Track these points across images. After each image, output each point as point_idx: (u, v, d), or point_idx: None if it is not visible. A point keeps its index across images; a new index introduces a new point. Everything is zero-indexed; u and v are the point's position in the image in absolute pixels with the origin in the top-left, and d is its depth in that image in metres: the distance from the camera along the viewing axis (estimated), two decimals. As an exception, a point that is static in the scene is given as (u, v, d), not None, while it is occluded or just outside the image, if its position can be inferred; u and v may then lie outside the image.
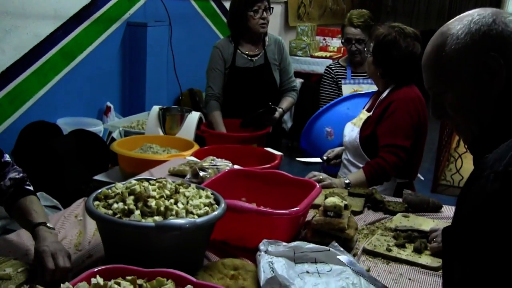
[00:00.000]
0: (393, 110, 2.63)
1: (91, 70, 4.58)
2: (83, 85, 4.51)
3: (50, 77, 4.16)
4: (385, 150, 2.58)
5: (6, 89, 3.76)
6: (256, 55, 3.79)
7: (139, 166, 2.90)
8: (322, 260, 1.68)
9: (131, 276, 1.25)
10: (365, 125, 2.75)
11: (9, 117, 3.82)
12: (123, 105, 5.08)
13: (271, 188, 2.15)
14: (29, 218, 1.70)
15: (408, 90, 2.70)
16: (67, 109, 4.35)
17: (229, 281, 1.55)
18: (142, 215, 1.53)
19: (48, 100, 4.16)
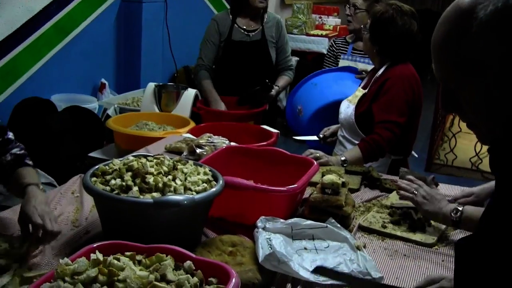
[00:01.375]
0: (389, 87, 2.63)
1: (86, 46, 4.54)
2: (77, 61, 4.47)
3: (44, 53, 4.12)
4: (380, 126, 2.59)
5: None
6: (254, 30, 3.77)
7: (135, 143, 2.89)
8: (320, 237, 1.69)
9: (130, 252, 1.24)
10: (360, 102, 2.76)
11: (2, 93, 3.79)
12: (118, 82, 5.05)
13: (268, 166, 2.14)
14: (22, 180, 1.71)
15: (403, 67, 2.70)
16: (61, 85, 4.32)
17: (227, 257, 1.56)
18: (140, 192, 1.52)
19: (42, 76, 4.12)
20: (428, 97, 8.03)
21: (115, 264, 1.13)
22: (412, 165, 2.93)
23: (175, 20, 5.24)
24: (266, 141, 2.67)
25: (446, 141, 6.18)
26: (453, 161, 5.96)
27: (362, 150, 2.57)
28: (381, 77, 2.71)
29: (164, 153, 2.54)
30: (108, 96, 4.67)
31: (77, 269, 1.12)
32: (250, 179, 2.00)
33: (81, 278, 1.09)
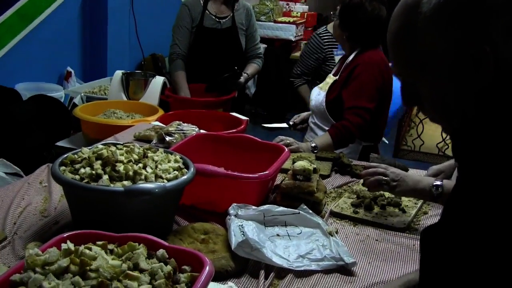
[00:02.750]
0: (358, 73, 2.65)
1: (50, 34, 4.44)
2: (42, 49, 4.37)
3: (6, 40, 4.01)
4: (349, 112, 2.61)
5: (-41, 53, 3.62)
6: (224, 17, 3.75)
7: (103, 131, 2.84)
8: (292, 223, 1.70)
9: (102, 241, 1.22)
10: (331, 88, 2.77)
11: (-36, 81, 3.69)
12: (84, 70, 4.96)
13: (239, 153, 2.13)
14: None
15: (373, 53, 2.72)
16: (26, 73, 4.22)
17: (200, 245, 1.55)
18: (111, 180, 1.50)
19: (6, 64, 4.02)
20: (395, 84, 8.15)
21: (87, 253, 1.11)
22: (381, 151, 2.97)
23: (141, 6, 5.17)
24: (235, 129, 2.66)
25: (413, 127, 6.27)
26: (420, 147, 6.06)
27: (332, 136, 2.58)
28: (351, 64, 2.72)
29: (134, 141, 2.50)
30: (74, 85, 4.59)
31: (48, 259, 1.09)
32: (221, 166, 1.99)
33: (53, 269, 1.07)
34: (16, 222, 1.71)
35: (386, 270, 1.55)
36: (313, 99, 2.87)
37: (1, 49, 3.98)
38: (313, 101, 2.87)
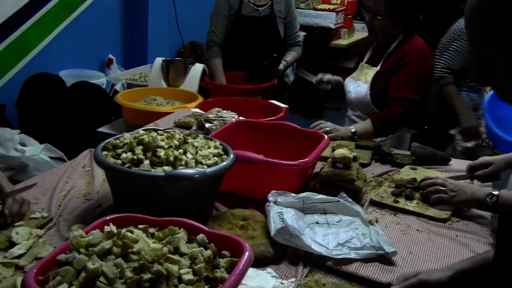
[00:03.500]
0: (407, 63, 2.59)
1: (93, 22, 4.52)
2: (84, 37, 4.45)
3: (51, 28, 4.11)
4: (394, 103, 2.56)
5: (7, 40, 3.72)
6: (263, 5, 3.73)
7: (143, 117, 2.88)
8: (332, 211, 1.69)
9: (143, 225, 1.24)
10: (374, 80, 2.70)
11: (11, 68, 3.79)
12: (125, 57, 5.03)
13: (278, 140, 2.13)
14: None
15: (418, 42, 2.66)
16: (69, 61, 4.32)
17: (239, 231, 1.56)
18: (151, 165, 1.52)
19: (50, 51, 4.12)
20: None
21: (129, 236, 1.13)
22: (424, 141, 2.92)
23: (182, -6, 5.21)
24: (274, 116, 2.65)
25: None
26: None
27: (374, 124, 2.55)
28: (396, 52, 2.65)
29: (173, 127, 2.53)
30: (116, 72, 4.66)
31: (92, 241, 1.12)
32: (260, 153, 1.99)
33: (96, 250, 1.09)
34: (60, 205, 1.75)
35: (427, 260, 1.53)
36: (351, 91, 2.80)
37: (45, 37, 4.07)
38: (351, 93, 2.80)
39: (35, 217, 1.61)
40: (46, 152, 3.22)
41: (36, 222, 1.59)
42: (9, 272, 1.33)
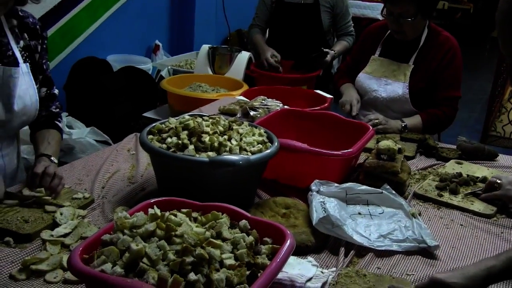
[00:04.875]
0: (452, 59, 2.54)
1: (141, 8, 4.57)
2: (132, 22, 4.51)
3: (100, 13, 4.17)
4: (445, 104, 2.55)
5: (57, 24, 3.80)
6: None
7: (188, 104, 2.91)
8: (374, 203, 1.67)
9: (186, 209, 1.25)
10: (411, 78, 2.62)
11: (60, 52, 3.87)
12: (172, 43, 5.08)
13: (322, 129, 2.12)
14: (40, 146, 1.83)
15: (447, 34, 2.61)
16: (116, 46, 4.38)
17: (281, 219, 1.56)
18: (196, 150, 1.53)
19: (98, 36, 4.19)
20: (487, 67, 7.77)
21: (173, 219, 1.15)
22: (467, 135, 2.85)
23: (229, -19, 5.21)
24: (319, 106, 2.63)
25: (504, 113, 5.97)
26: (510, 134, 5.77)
27: (424, 121, 2.53)
28: (433, 47, 2.58)
29: (218, 114, 2.54)
30: (162, 58, 4.71)
31: (136, 223, 1.13)
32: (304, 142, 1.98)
33: (140, 231, 1.11)
34: (104, 187, 1.78)
35: (470, 256, 1.50)
36: (377, 89, 2.67)
37: (94, 22, 4.14)
38: (382, 92, 2.66)
39: (77, 197, 1.65)
40: (92, 135, 3.29)
41: (78, 202, 1.63)
42: (56, 250, 1.36)
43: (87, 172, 1.90)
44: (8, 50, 1.76)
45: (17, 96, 1.76)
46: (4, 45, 1.76)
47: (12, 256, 1.33)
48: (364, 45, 2.83)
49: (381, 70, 2.69)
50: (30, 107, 1.82)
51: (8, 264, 1.30)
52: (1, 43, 1.75)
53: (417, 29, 2.57)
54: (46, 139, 1.87)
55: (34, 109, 1.84)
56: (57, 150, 1.88)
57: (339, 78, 2.95)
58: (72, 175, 1.86)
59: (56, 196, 1.64)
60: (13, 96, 1.75)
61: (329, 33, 3.86)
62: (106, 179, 1.84)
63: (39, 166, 1.69)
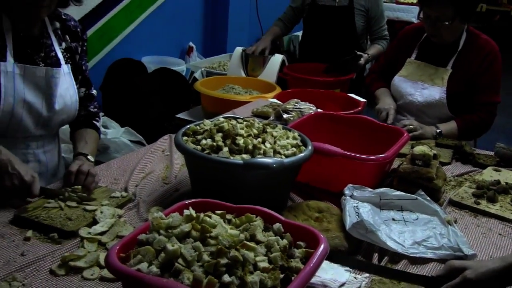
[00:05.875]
0: (491, 63, 2.50)
1: (175, 10, 4.62)
2: (167, 24, 4.56)
3: (136, 15, 4.23)
4: (483, 110, 2.51)
5: (96, 26, 3.86)
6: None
7: (221, 105, 2.92)
8: (409, 209, 1.65)
9: (221, 211, 1.26)
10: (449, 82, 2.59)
11: (98, 53, 3.94)
12: (205, 45, 5.11)
13: (355, 133, 2.10)
14: (78, 145, 1.91)
15: (486, 37, 2.57)
16: (151, 47, 4.43)
17: (314, 223, 1.55)
18: (230, 152, 1.54)
19: (134, 38, 4.24)
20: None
21: (208, 221, 1.16)
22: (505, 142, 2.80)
23: (264, -17, 5.23)
24: (352, 110, 2.62)
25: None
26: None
27: (459, 127, 2.49)
28: (472, 51, 2.55)
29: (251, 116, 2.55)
30: (195, 59, 4.75)
31: (172, 223, 1.15)
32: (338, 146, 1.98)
33: (175, 232, 1.12)
34: (138, 185, 1.81)
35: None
36: (413, 93, 2.65)
37: (130, 24, 4.20)
38: (418, 96, 2.63)
39: (115, 196, 1.68)
40: (126, 135, 3.33)
41: (116, 201, 1.66)
42: (93, 247, 1.39)
43: (122, 171, 1.93)
44: (51, 51, 1.85)
45: (58, 95, 1.84)
46: (48, 46, 1.86)
47: (53, 252, 1.36)
48: (399, 47, 2.80)
49: (418, 73, 2.65)
50: (70, 106, 1.90)
51: (49, 259, 1.33)
52: (45, 45, 1.84)
53: (455, 32, 2.54)
54: (83, 138, 1.94)
55: (74, 109, 1.93)
56: (94, 149, 1.94)
57: (373, 80, 2.92)
58: (108, 174, 1.90)
59: (89, 193, 1.68)
60: (55, 95, 1.83)
61: (362, 36, 3.84)
62: (141, 179, 1.87)
63: (74, 164, 1.76)
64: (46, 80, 1.81)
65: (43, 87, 1.80)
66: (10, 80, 1.72)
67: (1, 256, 1.34)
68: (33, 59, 1.80)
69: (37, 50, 1.82)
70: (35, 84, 1.78)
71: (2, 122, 1.72)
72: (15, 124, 1.76)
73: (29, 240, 1.42)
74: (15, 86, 1.73)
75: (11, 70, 1.72)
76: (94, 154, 1.92)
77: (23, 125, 1.78)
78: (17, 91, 1.74)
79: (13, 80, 1.73)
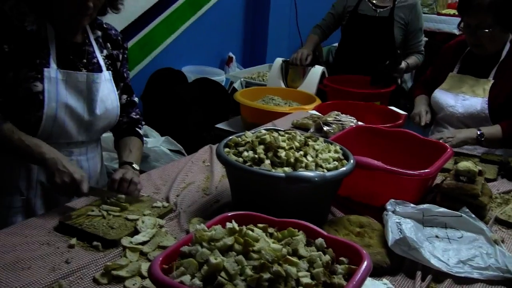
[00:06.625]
0: None
1: (215, 20, 4.66)
2: (207, 34, 4.60)
3: (177, 26, 4.28)
4: None
5: (137, 36, 3.93)
6: (383, 6, 3.71)
7: (261, 116, 2.93)
8: (453, 226, 1.62)
9: (263, 224, 1.26)
10: (491, 93, 2.52)
11: (139, 63, 4.00)
12: (244, 56, 5.14)
13: (397, 147, 2.07)
14: (122, 154, 1.96)
15: None
16: (191, 57, 4.48)
17: (355, 238, 1.53)
18: (272, 165, 1.54)
19: (175, 48, 4.30)
20: None
21: (250, 234, 1.15)
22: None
23: (303, -6, 5.24)
24: (393, 123, 2.59)
25: None
26: None
27: (505, 131, 2.40)
28: None
29: (291, 128, 2.54)
30: (235, 70, 4.77)
31: (214, 236, 1.15)
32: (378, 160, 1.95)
33: (218, 245, 1.12)
34: (179, 195, 1.82)
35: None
36: (454, 105, 2.60)
37: (171, 34, 4.26)
38: (456, 107, 2.59)
39: (157, 206, 1.70)
40: (166, 144, 3.36)
41: (157, 210, 1.67)
42: (135, 257, 1.40)
43: (163, 181, 1.95)
44: (93, 58, 1.92)
45: (99, 100, 1.90)
46: (90, 53, 1.92)
47: (97, 260, 1.38)
48: (442, 61, 2.77)
49: (459, 86, 2.62)
50: (111, 112, 1.95)
51: (92, 267, 1.35)
52: (88, 52, 1.90)
53: (496, 42, 2.50)
54: (128, 147, 1.99)
55: (115, 114, 1.97)
56: (138, 157, 1.99)
57: (416, 89, 2.94)
58: (149, 183, 1.92)
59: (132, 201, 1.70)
60: (96, 100, 1.89)
61: (400, 48, 3.81)
62: (181, 189, 1.88)
63: (118, 172, 1.80)
64: (87, 85, 1.86)
65: (84, 92, 1.86)
66: (53, 85, 1.77)
67: (47, 263, 1.36)
68: (75, 65, 1.85)
69: (80, 56, 1.88)
70: (77, 89, 1.84)
71: (46, 126, 1.77)
72: (58, 128, 1.81)
73: (73, 248, 1.44)
74: (58, 91, 1.79)
75: (54, 75, 1.78)
76: (139, 162, 1.96)
77: (65, 129, 1.83)
78: (59, 96, 1.79)
79: (56, 85, 1.78)
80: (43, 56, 1.77)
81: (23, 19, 1.75)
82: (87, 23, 1.86)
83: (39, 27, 1.78)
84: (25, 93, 1.74)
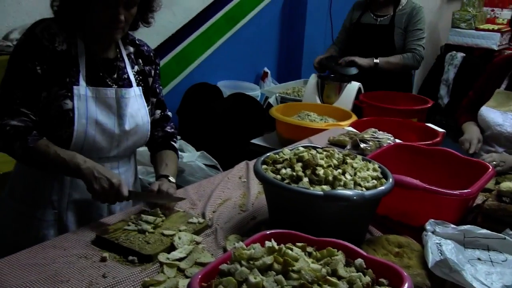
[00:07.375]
0: None
1: (251, 35, 4.69)
2: (243, 49, 4.63)
3: (213, 41, 4.33)
4: None
5: (174, 51, 3.98)
6: (383, 15, 3.84)
7: (297, 132, 2.92)
8: (496, 248, 1.57)
9: (301, 243, 1.25)
10: None
11: (175, 77, 4.05)
12: (279, 71, 5.15)
13: (436, 166, 2.04)
14: (159, 168, 1.99)
15: None
16: (227, 72, 4.51)
17: (393, 258, 1.51)
18: (310, 183, 1.53)
19: (211, 63, 4.34)
20: None
21: (290, 254, 1.15)
22: None
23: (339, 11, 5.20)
24: (430, 140, 2.55)
25: None
26: None
27: None
28: None
29: (328, 145, 2.53)
30: (270, 85, 4.79)
31: (253, 255, 1.14)
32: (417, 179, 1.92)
33: (257, 264, 1.11)
34: (215, 212, 1.82)
35: None
36: (501, 123, 2.56)
37: (208, 48, 4.30)
38: (508, 127, 2.55)
39: (192, 222, 1.70)
40: (201, 159, 3.38)
41: (193, 226, 1.68)
42: (172, 273, 1.40)
43: (199, 197, 1.95)
44: (124, 73, 1.94)
45: (129, 115, 1.91)
46: (121, 69, 1.94)
47: (133, 275, 1.39)
48: (489, 78, 2.73)
49: (508, 103, 2.56)
50: (142, 127, 1.96)
51: (129, 282, 1.36)
52: (119, 67, 1.93)
53: None
54: (164, 161, 2.00)
55: (146, 130, 1.99)
56: (174, 170, 2.00)
57: (461, 114, 2.86)
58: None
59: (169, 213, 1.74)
60: (125, 115, 1.90)
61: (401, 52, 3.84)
62: (218, 205, 1.88)
63: (154, 184, 1.83)
64: (117, 100, 1.88)
65: (114, 107, 1.87)
66: (82, 102, 1.80)
67: (85, 276, 1.38)
68: (104, 81, 1.88)
69: (110, 72, 1.90)
70: (106, 105, 1.86)
71: (77, 142, 1.80)
72: (89, 144, 1.83)
73: (105, 261, 1.45)
74: (87, 108, 1.81)
75: (84, 93, 1.81)
76: (175, 175, 1.97)
77: (96, 145, 1.85)
78: (89, 112, 1.82)
79: (85, 102, 1.81)
80: (73, 74, 1.80)
81: (53, 40, 1.78)
82: (119, 37, 1.88)
83: (69, 45, 1.81)
84: (57, 110, 1.77)
